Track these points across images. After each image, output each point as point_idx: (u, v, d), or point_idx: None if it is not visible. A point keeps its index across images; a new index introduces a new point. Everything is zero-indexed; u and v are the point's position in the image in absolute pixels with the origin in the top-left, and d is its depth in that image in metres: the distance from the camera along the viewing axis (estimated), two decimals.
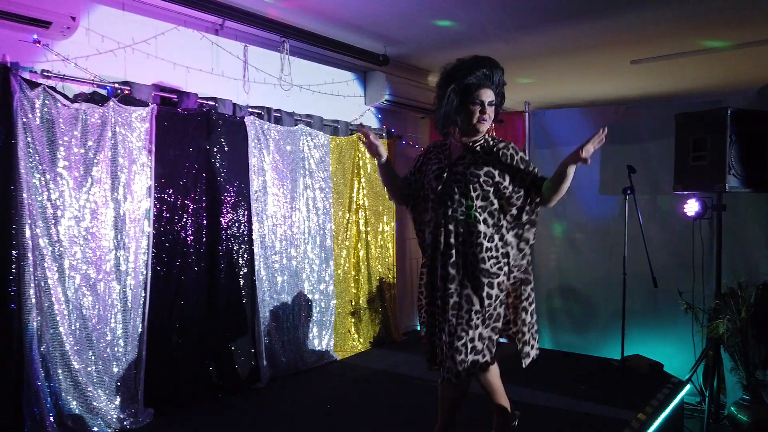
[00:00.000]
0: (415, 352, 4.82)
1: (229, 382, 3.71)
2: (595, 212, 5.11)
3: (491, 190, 2.47)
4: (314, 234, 4.38)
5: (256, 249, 3.88)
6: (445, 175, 2.52)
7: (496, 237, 2.47)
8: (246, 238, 3.85)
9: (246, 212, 3.86)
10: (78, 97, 3.06)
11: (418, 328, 2.93)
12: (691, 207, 4.32)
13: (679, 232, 4.68)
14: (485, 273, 2.44)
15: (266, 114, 4.07)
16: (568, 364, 4.50)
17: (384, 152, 2.60)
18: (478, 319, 2.45)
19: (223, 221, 3.71)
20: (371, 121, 5.12)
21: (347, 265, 4.75)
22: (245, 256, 3.85)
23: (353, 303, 4.82)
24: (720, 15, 3.82)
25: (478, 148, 2.53)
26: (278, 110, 4.16)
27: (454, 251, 2.46)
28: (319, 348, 4.40)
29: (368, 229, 4.93)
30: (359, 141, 3.58)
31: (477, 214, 2.44)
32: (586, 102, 6.91)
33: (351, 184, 4.76)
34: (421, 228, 2.66)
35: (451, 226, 2.48)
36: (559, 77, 5.68)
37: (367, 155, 4.72)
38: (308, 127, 4.34)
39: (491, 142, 2.55)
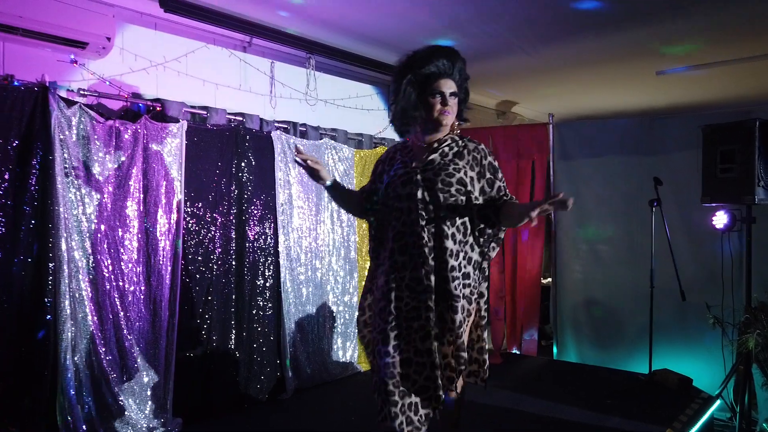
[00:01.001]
0: None
1: (256, 392, 3.76)
2: (620, 224, 5.05)
3: (463, 200, 2.19)
4: (338, 246, 4.43)
5: (282, 261, 3.94)
6: (413, 181, 2.20)
7: (461, 255, 2.20)
8: (272, 251, 3.92)
9: (272, 225, 3.92)
10: (112, 115, 3.16)
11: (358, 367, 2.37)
12: (720, 219, 4.26)
13: (707, 244, 4.61)
14: (450, 295, 2.17)
15: (292, 128, 4.14)
16: (593, 378, 4.45)
17: (327, 176, 2.29)
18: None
19: (249, 234, 3.78)
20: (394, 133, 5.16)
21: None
22: (271, 268, 3.91)
23: None
24: (748, 26, 3.79)
25: (446, 148, 2.24)
26: (303, 124, 4.23)
27: (423, 268, 2.15)
28: (344, 359, 4.43)
29: None
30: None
31: (446, 228, 2.16)
32: (611, 113, 6.87)
33: None
34: (382, 242, 2.30)
35: (421, 240, 2.15)
36: (583, 88, 5.67)
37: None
38: (333, 141, 4.40)
39: (460, 143, 2.27)
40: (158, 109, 3.34)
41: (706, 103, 6.24)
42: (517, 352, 5.26)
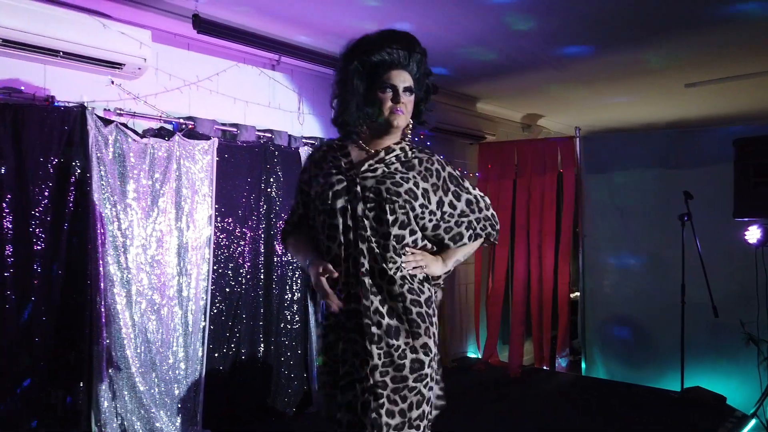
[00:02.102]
0: (466, 379, 4.80)
1: (282, 405, 3.80)
2: (650, 238, 4.99)
3: (413, 215, 1.81)
4: None
5: None
6: (352, 192, 1.79)
7: (407, 283, 1.80)
8: (299, 265, 3.96)
9: None
10: (147, 133, 3.25)
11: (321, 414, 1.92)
12: (753, 234, 4.18)
13: (740, 260, 4.52)
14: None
15: (319, 143, 4.20)
16: (623, 396, 4.38)
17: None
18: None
19: (278, 248, 3.83)
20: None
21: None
22: (299, 282, 3.95)
23: None
24: None
25: (393, 158, 1.84)
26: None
27: (373, 297, 1.76)
28: None
29: None
30: None
31: (394, 247, 1.78)
32: (639, 125, 6.80)
33: None
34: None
35: (362, 266, 1.76)
36: (611, 100, 5.63)
37: None
38: None
39: (410, 153, 1.87)
40: (191, 126, 3.43)
41: (737, 116, 6.14)
42: (546, 368, 5.20)
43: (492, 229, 1.98)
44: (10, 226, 2.74)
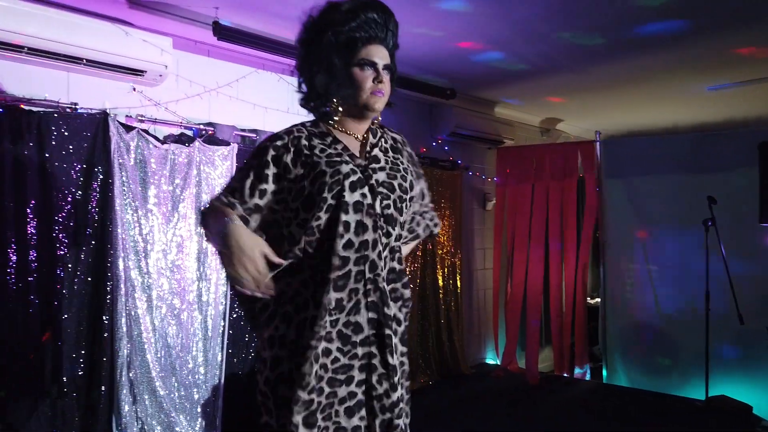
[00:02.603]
0: (484, 386, 4.76)
1: None
2: (673, 244, 4.91)
3: (410, 212, 1.73)
4: None
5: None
6: (370, 185, 1.58)
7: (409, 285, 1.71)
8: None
9: None
10: (167, 139, 3.28)
11: None
12: None
13: (765, 266, 4.43)
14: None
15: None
16: (646, 404, 4.31)
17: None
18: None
19: None
20: (437, 152, 5.17)
21: (414, 296, 4.78)
22: None
23: (419, 334, 4.83)
24: None
25: (382, 141, 1.70)
26: None
27: (392, 304, 1.61)
28: None
29: (436, 259, 4.95)
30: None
31: (399, 247, 1.66)
32: (661, 128, 6.71)
33: None
34: (296, 272, 1.57)
35: (381, 269, 1.57)
36: (631, 104, 5.57)
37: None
38: None
39: (388, 133, 1.75)
40: (210, 132, 3.45)
41: (761, 118, 6.03)
42: (566, 375, 5.14)
43: (436, 221, 1.86)
44: (34, 231, 2.78)
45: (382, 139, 1.71)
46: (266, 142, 1.64)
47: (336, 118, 1.65)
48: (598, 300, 5.31)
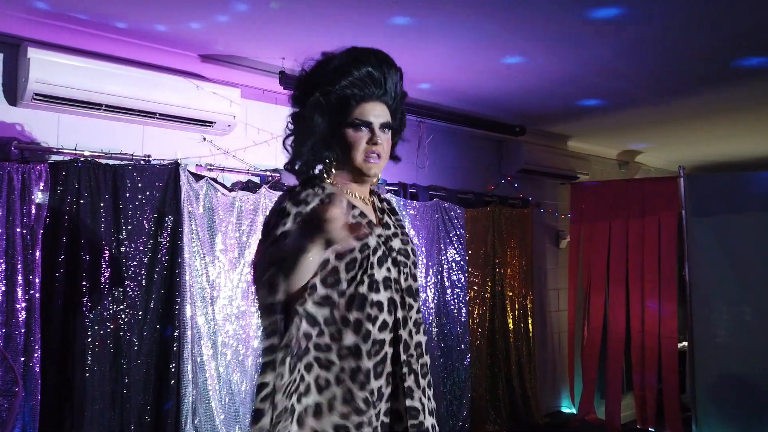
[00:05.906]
0: None
1: None
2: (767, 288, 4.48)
3: None
4: (450, 307, 4.31)
5: None
6: (394, 260, 1.49)
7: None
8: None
9: None
10: (235, 186, 3.34)
11: None
12: None
13: None
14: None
15: (401, 190, 4.16)
16: None
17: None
18: None
19: None
20: (506, 190, 5.01)
21: (482, 339, 4.60)
22: None
23: (489, 380, 4.63)
24: None
25: (386, 205, 1.63)
26: (413, 185, 4.24)
27: (421, 387, 1.49)
28: (457, 425, 4.25)
29: (505, 301, 4.75)
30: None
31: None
32: (751, 160, 6.23)
33: (486, 256, 4.66)
34: (326, 362, 1.40)
35: (410, 344, 1.48)
36: (716, 137, 5.21)
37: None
38: (443, 201, 4.35)
39: (380, 195, 1.67)
40: (277, 178, 3.49)
41: None
42: (652, 430, 4.75)
43: None
44: (107, 280, 2.87)
45: (385, 202, 1.63)
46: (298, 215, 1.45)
47: (339, 183, 1.53)
48: (685, 344, 4.91)
